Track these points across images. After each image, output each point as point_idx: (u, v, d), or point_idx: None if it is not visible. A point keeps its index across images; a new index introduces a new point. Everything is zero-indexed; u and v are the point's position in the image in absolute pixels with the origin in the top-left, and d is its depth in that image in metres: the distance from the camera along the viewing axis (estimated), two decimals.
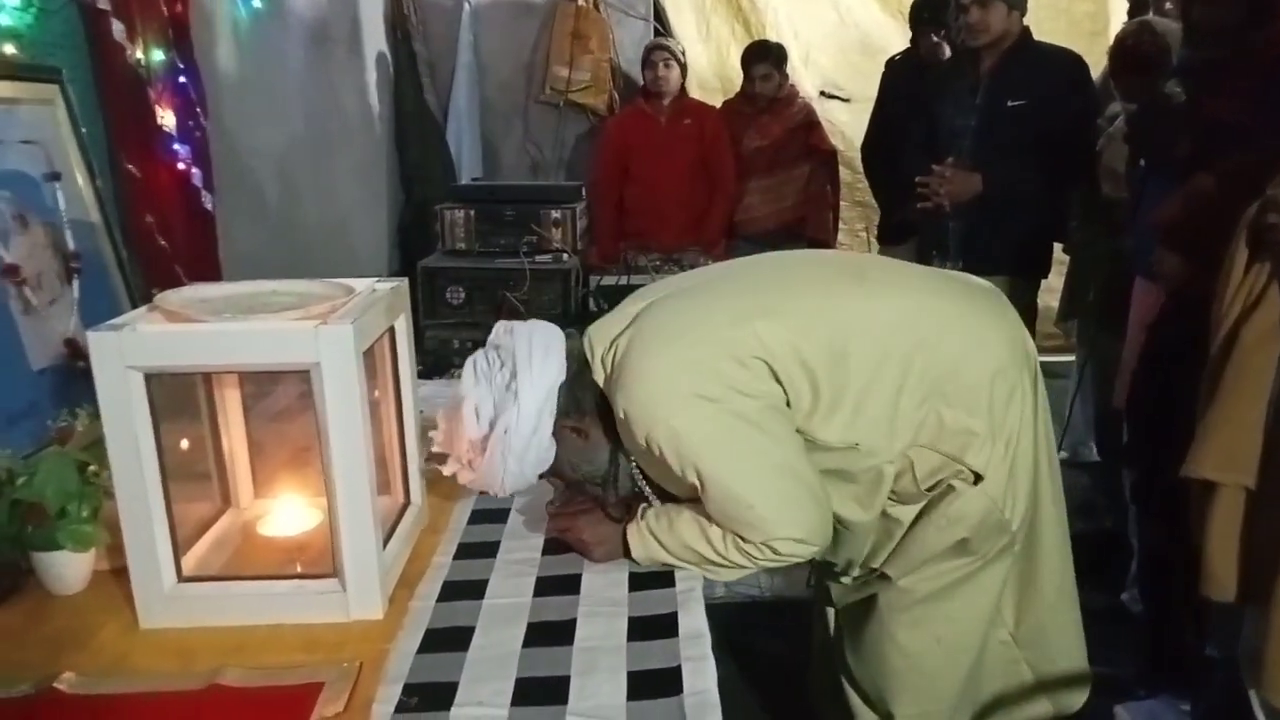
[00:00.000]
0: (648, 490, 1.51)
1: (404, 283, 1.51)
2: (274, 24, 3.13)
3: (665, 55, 4.08)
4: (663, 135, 4.12)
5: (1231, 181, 1.92)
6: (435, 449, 1.48)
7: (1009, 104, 2.97)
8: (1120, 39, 2.92)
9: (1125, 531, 2.84)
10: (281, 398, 1.47)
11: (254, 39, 2.96)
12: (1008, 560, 1.59)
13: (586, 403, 1.47)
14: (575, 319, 3.23)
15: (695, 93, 5.20)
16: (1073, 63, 3.03)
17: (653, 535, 1.45)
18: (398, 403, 1.50)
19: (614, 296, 3.22)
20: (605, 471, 1.51)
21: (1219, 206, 1.85)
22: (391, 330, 1.47)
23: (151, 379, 1.22)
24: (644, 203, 4.13)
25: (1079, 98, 3.01)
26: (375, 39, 4.23)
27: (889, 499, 1.53)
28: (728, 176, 4.17)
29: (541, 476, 1.51)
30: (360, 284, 1.43)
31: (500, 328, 1.51)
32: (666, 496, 1.52)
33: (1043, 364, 4.23)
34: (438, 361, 3.11)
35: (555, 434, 1.45)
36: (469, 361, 1.48)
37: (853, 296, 1.52)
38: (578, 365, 1.47)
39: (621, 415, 1.40)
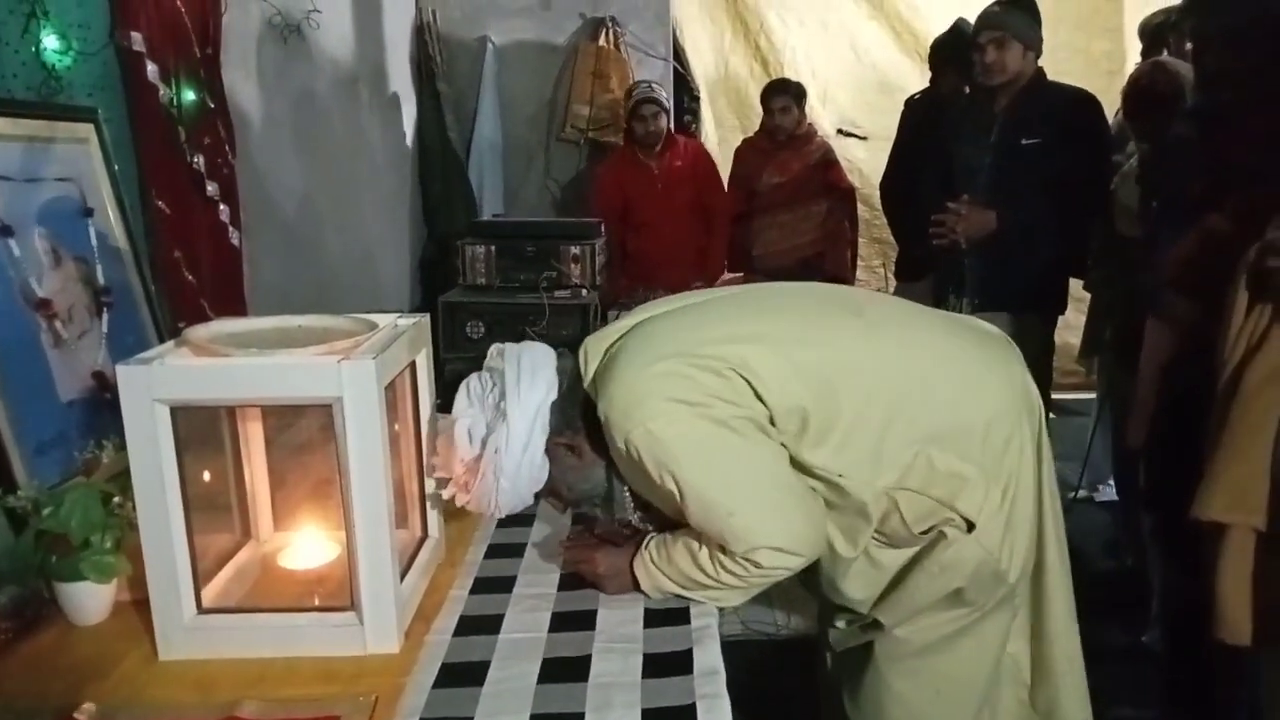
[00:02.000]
0: (633, 516, 1.52)
1: (425, 318, 1.54)
2: (302, 65, 3.20)
3: (654, 109, 4.14)
4: (656, 180, 4.20)
5: (1239, 223, 1.93)
6: (434, 474, 1.51)
7: (1023, 142, 2.99)
8: (1134, 79, 2.93)
9: (1146, 571, 2.81)
10: (303, 431, 1.49)
11: (282, 79, 3.03)
12: (1008, 613, 1.57)
13: (577, 420, 1.49)
14: None
15: (713, 131, 5.27)
16: (1085, 101, 3.05)
17: (655, 565, 1.46)
18: (417, 437, 1.52)
19: None
20: (604, 491, 1.53)
21: (1228, 248, 1.86)
22: (413, 365, 1.49)
23: (177, 412, 1.24)
24: (646, 245, 4.22)
25: (1092, 136, 3.03)
26: (400, 78, 4.31)
27: (876, 539, 1.51)
28: (723, 210, 4.26)
29: (538, 497, 1.53)
30: (383, 319, 1.45)
31: (494, 350, 1.55)
32: (661, 521, 1.52)
33: (1063, 401, 4.25)
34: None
35: (548, 452, 1.47)
36: (463, 384, 1.50)
37: (847, 332, 1.53)
38: (570, 381, 1.49)
39: (603, 418, 1.41)
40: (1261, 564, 1.75)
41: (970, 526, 1.48)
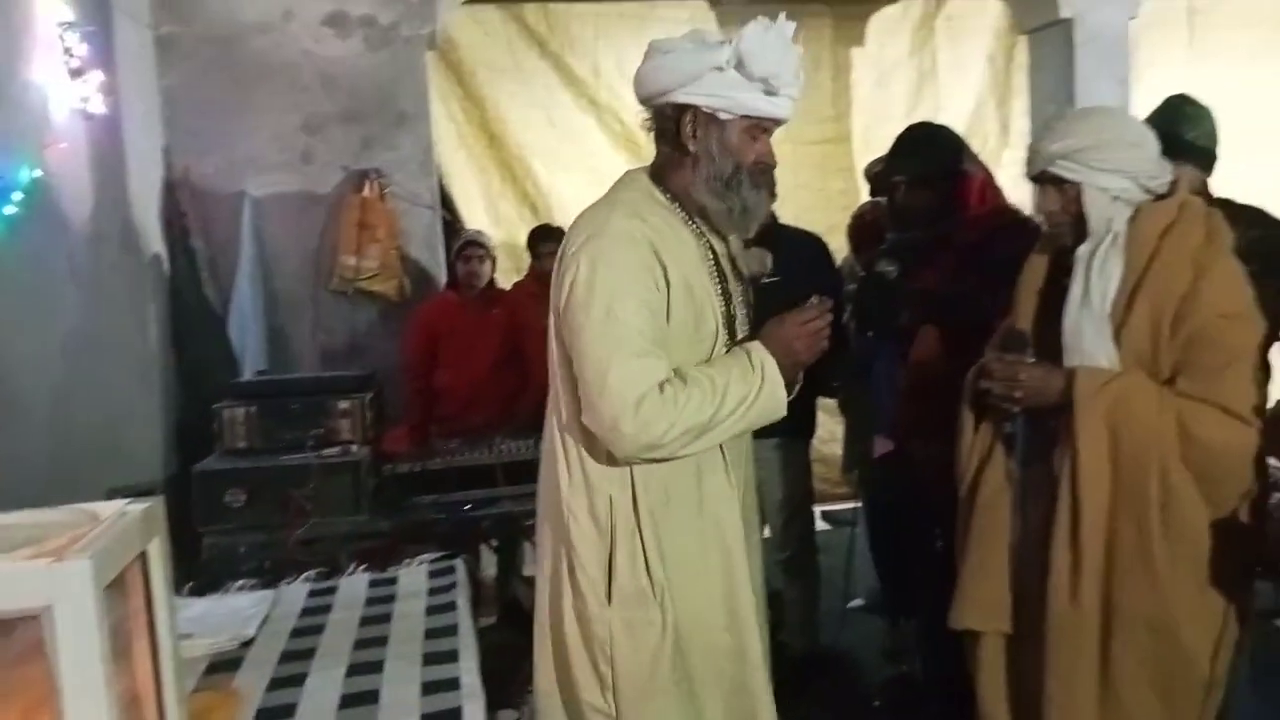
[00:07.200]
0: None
1: (159, 501, 1.43)
2: (38, 226, 3.01)
3: (480, 250, 4.31)
4: (472, 324, 4.24)
5: (955, 349, 2.15)
6: None
7: (763, 281, 3.23)
8: (857, 215, 3.27)
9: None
10: (17, 643, 1.34)
11: (16, 243, 2.83)
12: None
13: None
14: (367, 511, 3.13)
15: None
16: (813, 242, 3.34)
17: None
18: (152, 635, 1.40)
19: (409, 484, 3.18)
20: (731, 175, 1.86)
21: (942, 367, 2.07)
22: (144, 555, 1.38)
23: None
24: (454, 387, 4.22)
25: (823, 272, 3.31)
26: (150, 235, 4.13)
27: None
28: (539, 363, 4.24)
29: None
30: (107, 508, 1.34)
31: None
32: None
33: (833, 512, 4.44)
34: (218, 572, 2.89)
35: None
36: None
37: None
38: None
39: None
40: (1013, 664, 1.89)
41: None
